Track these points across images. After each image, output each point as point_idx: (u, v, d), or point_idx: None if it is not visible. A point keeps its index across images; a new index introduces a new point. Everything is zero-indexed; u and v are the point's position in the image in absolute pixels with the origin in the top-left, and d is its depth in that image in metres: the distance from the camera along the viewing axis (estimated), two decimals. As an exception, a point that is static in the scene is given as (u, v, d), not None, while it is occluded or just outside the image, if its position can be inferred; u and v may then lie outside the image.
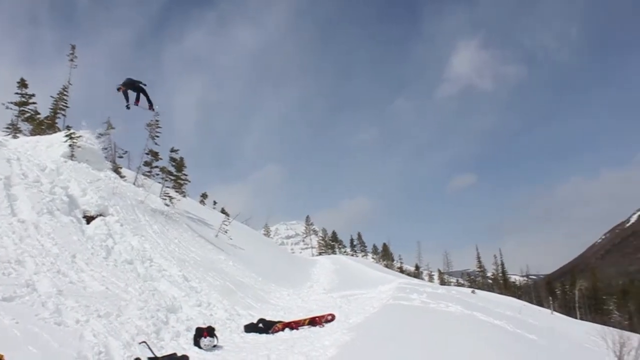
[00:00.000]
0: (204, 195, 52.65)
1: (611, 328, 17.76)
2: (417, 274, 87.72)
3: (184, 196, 33.37)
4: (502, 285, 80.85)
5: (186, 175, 33.85)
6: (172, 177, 32.21)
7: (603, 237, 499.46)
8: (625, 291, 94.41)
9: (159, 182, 30.62)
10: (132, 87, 15.81)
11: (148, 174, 31.14)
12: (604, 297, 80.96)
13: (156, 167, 31.30)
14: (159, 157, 31.02)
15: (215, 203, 56.33)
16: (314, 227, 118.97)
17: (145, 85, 16.08)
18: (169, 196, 27.87)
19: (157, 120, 29.44)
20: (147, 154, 30.45)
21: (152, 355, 8.42)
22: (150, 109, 16.75)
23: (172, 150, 31.72)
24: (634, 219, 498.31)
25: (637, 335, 15.55)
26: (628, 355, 12.91)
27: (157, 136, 30.23)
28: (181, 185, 33.44)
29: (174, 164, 32.15)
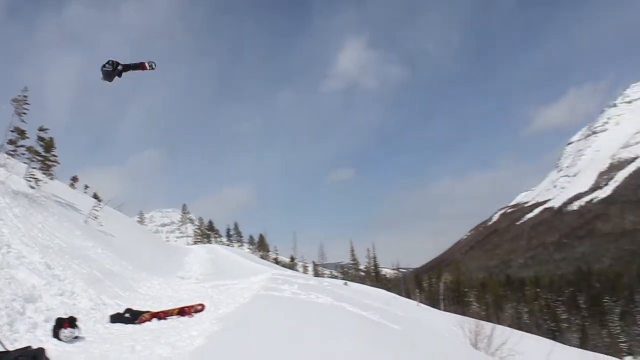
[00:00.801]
0: (75, 179, 49.71)
1: (469, 318, 19.10)
2: (292, 265, 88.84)
3: (52, 179, 31.39)
4: (374, 278, 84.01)
5: (56, 156, 31.75)
6: (40, 158, 30.15)
7: (468, 234, 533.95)
8: (484, 284, 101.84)
9: (25, 163, 28.59)
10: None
11: (12, 153, 28.94)
12: (466, 290, 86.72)
13: (22, 146, 29.12)
14: (26, 135, 28.91)
15: (87, 187, 53.38)
16: (190, 215, 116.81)
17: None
18: (35, 178, 26.10)
19: (25, 96, 27.41)
20: (13, 131, 28.28)
21: (2, 350, 7.79)
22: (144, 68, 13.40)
23: (41, 130, 29.65)
24: (496, 218, 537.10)
25: (492, 324, 17.04)
26: (482, 342, 14.08)
27: (25, 113, 28.12)
28: (50, 167, 31.37)
29: (42, 144, 30.09)
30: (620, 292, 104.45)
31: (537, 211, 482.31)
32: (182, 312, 12.10)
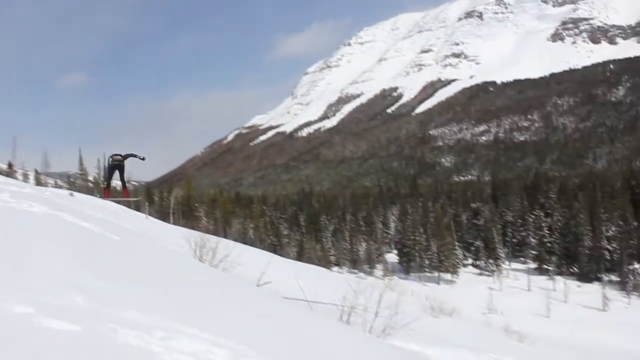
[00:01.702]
0: None
1: (197, 232, 18.51)
2: (10, 172, 78.59)
3: None
4: (103, 190, 78.99)
5: None
6: None
7: (203, 151, 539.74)
8: (214, 200, 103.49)
9: None
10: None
11: None
12: (196, 205, 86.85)
13: None
14: None
15: None
16: None
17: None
18: None
19: None
20: None
21: None
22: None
23: None
24: (230, 137, 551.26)
25: (218, 238, 16.45)
26: (207, 254, 13.49)
27: None
28: None
29: None
30: (335, 212, 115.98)
31: (270, 134, 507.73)
32: None
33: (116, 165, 14.80)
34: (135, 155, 14.85)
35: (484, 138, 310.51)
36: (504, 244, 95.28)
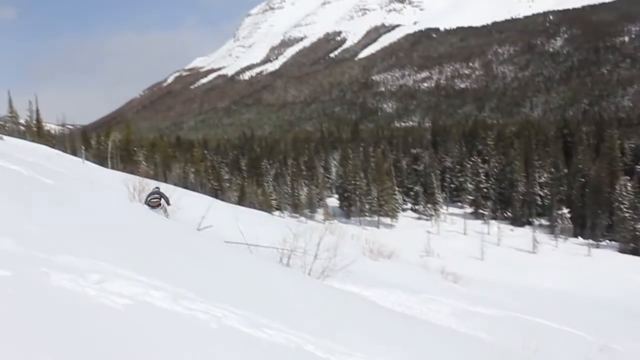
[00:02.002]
0: None
1: (135, 176, 18.15)
2: None
3: None
4: (36, 133, 75.37)
5: None
6: None
7: (142, 93, 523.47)
8: (154, 144, 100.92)
9: None
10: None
11: None
12: (135, 149, 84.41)
13: None
14: None
15: None
16: None
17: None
18: None
19: None
20: None
21: None
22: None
23: None
24: (171, 79, 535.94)
25: (156, 181, 16.04)
26: (146, 198, 13.43)
27: None
28: None
29: None
30: (276, 156, 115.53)
31: (211, 77, 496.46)
32: None
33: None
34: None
35: (425, 84, 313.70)
36: (442, 189, 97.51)
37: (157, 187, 14.48)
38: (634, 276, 58.57)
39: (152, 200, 13.53)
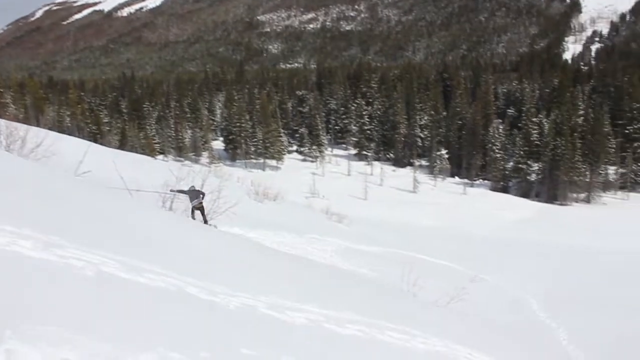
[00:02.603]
0: None
1: (2, 120, 16.42)
2: None
3: None
4: None
5: None
6: None
7: (5, 28, 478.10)
8: (23, 85, 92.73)
9: None
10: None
11: None
12: (2, 90, 77.19)
13: None
14: None
15: None
16: None
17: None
18: None
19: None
20: None
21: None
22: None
23: None
24: (39, 13, 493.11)
25: (27, 126, 14.37)
26: (15, 144, 12.53)
27: None
28: None
29: None
30: (158, 98, 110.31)
31: (85, 12, 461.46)
32: None
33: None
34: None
35: (311, 26, 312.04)
36: (327, 131, 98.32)
37: (192, 186, 12.78)
38: (503, 213, 62.65)
39: (198, 205, 12.41)
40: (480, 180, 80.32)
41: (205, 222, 14.11)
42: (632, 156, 75.73)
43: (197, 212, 12.69)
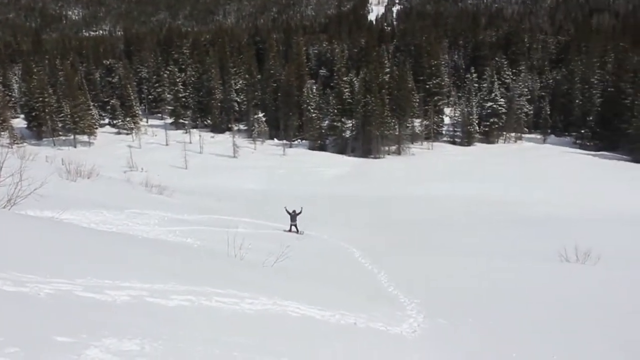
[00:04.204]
0: None
1: None
2: None
3: None
4: None
5: None
6: None
7: None
8: None
9: None
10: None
11: None
12: None
13: None
14: None
15: None
16: None
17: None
18: None
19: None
20: None
21: None
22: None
23: None
24: None
25: None
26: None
27: None
28: None
29: None
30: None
31: None
32: None
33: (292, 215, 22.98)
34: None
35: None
36: (140, 101, 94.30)
37: (294, 210, 23.00)
38: (323, 170, 65.58)
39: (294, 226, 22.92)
40: (299, 140, 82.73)
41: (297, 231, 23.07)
42: (434, 109, 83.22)
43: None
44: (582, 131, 78.91)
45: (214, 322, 5.80)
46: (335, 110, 79.76)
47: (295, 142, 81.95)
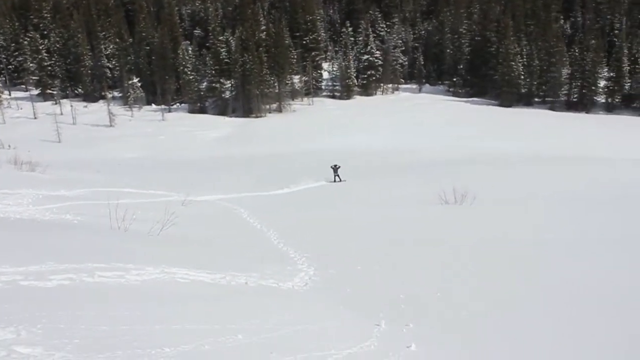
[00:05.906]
0: None
1: None
2: None
3: None
4: None
5: None
6: None
7: None
8: None
9: None
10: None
11: None
12: None
13: None
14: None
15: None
16: None
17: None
18: None
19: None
20: None
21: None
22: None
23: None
24: None
25: None
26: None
27: None
28: None
29: None
30: None
31: None
32: None
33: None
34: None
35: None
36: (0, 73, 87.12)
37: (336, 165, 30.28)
38: (204, 133, 64.73)
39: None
40: (178, 104, 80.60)
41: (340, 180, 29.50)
42: (312, 65, 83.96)
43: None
44: (454, 79, 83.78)
45: (98, 298, 5.72)
46: (213, 71, 78.27)
47: (174, 106, 79.77)
